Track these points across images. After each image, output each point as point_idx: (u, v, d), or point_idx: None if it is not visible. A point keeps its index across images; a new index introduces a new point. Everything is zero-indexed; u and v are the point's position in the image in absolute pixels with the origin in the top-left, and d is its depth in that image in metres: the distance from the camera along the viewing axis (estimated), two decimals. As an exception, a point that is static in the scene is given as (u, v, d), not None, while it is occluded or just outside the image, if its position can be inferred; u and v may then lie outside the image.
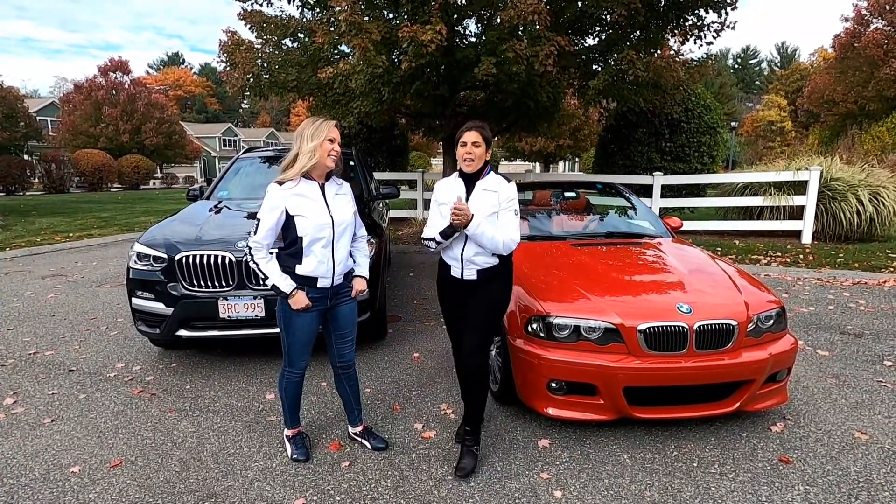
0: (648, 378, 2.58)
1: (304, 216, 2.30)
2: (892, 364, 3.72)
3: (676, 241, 3.90)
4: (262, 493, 2.35)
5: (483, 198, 2.44)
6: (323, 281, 2.38)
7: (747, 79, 62.82)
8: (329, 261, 2.37)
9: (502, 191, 2.44)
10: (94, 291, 5.94)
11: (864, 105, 22.79)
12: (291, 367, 2.50)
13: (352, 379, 2.66)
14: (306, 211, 2.30)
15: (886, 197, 8.09)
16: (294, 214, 2.30)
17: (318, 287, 2.38)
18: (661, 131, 10.10)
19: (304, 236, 2.31)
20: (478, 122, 2.45)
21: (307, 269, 2.34)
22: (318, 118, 2.34)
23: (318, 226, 2.31)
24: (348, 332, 2.56)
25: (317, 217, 2.32)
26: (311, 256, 2.33)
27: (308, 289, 2.36)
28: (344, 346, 2.57)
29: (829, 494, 2.31)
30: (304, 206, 2.31)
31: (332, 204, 2.39)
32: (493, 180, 2.47)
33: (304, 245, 2.32)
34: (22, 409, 3.16)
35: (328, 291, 2.42)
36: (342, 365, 2.61)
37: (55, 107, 34.87)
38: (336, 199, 2.42)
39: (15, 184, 22.05)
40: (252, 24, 7.62)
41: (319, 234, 2.32)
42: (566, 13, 6.87)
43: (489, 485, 2.40)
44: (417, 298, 5.55)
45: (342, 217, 2.40)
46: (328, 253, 2.36)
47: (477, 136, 2.40)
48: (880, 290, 5.79)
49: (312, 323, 2.43)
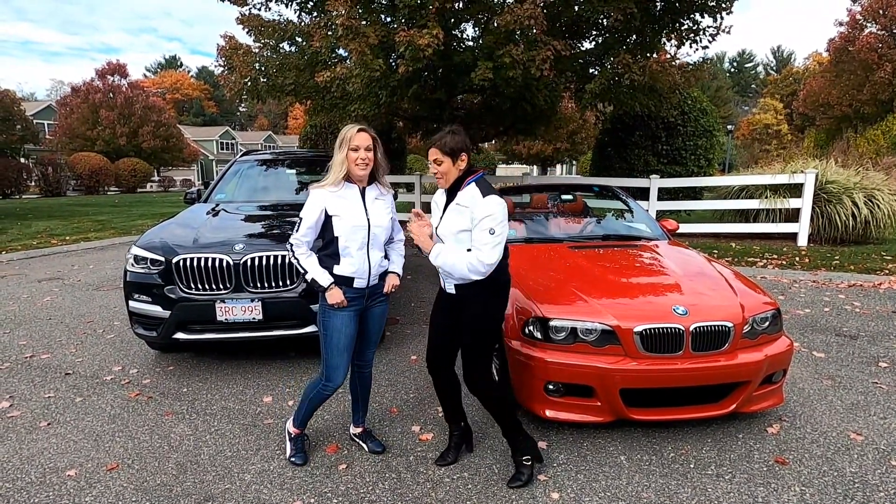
0: (645, 380, 2.59)
1: (341, 216, 2.37)
2: (887, 366, 3.75)
3: (673, 244, 3.92)
4: (260, 496, 2.34)
5: (453, 216, 2.29)
6: (359, 281, 2.44)
7: (743, 82, 63.22)
8: (365, 262, 2.44)
9: (475, 207, 2.22)
10: (91, 295, 5.92)
11: (858, 108, 22.95)
12: (329, 381, 2.49)
13: (366, 379, 2.71)
14: (343, 212, 2.38)
15: (881, 199, 8.14)
16: (332, 214, 2.38)
17: (355, 287, 2.44)
18: (657, 134, 10.16)
19: (339, 236, 2.38)
20: (438, 136, 2.27)
21: (344, 269, 2.41)
22: (352, 126, 2.40)
23: (354, 227, 2.38)
24: (375, 333, 2.63)
25: (353, 219, 2.39)
26: (347, 257, 2.40)
27: (345, 288, 2.41)
28: (368, 346, 2.64)
29: (824, 495, 2.32)
30: (343, 207, 2.39)
31: (371, 207, 2.45)
32: (467, 195, 2.26)
33: (341, 245, 2.39)
34: (18, 412, 3.15)
35: (364, 291, 2.48)
36: (360, 363, 2.66)
37: (52, 110, 34.80)
38: (375, 202, 2.48)
39: (11, 187, 22.00)
40: (250, 29, 7.64)
41: (355, 234, 2.39)
42: (563, 17, 6.91)
43: (486, 486, 2.40)
44: (415, 301, 5.55)
45: (378, 221, 2.47)
46: (364, 254, 2.43)
47: (436, 153, 2.26)
48: (875, 292, 5.82)
49: (350, 325, 2.45)
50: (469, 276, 2.21)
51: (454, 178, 2.30)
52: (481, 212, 2.20)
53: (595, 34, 7.79)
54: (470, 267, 2.19)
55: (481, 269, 2.20)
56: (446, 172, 2.28)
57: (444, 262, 2.25)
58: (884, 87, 21.37)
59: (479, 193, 2.24)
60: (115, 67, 33.21)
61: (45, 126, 33.97)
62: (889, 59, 21.05)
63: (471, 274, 2.21)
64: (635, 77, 6.79)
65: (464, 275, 2.22)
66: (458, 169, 2.29)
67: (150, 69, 74.26)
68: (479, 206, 2.22)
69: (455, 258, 2.23)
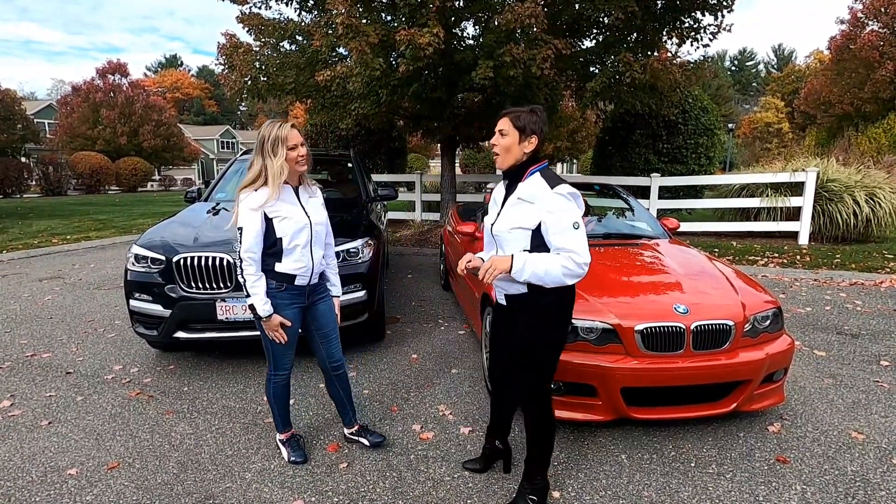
0: (646, 378, 2.58)
1: (283, 217, 2.33)
2: (888, 364, 3.74)
3: (674, 243, 3.92)
4: (261, 495, 2.34)
5: (513, 211, 2.00)
6: (301, 279, 2.42)
7: (744, 81, 63.08)
8: (309, 261, 2.42)
9: (545, 201, 1.91)
10: (92, 294, 5.92)
11: (859, 107, 22.89)
12: (277, 370, 2.52)
13: (343, 379, 2.67)
14: (284, 213, 2.34)
15: (882, 198, 8.12)
16: (273, 217, 2.32)
17: (296, 285, 2.42)
18: (658, 133, 10.15)
19: (283, 237, 2.34)
20: (515, 108, 2.03)
21: (286, 267, 2.38)
22: (275, 123, 2.29)
23: (297, 226, 2.36)
24: (331, 330, 2.58)
25: (295, 218, 2.36)
26: (290, 256, 2.37)
27: (286, 286, 2.40)
28: (330, 345, 2.59)
29: (825, 494, 2.32)
30: (282, 208, 2.34)
31: (308, 206, 2.44)
32: (531, 187, 1.96)
33: (285, 245, 2.35)
34: (19, 411, 3.15)
35: (305, 289, 2.46)
36: (333, 366, 2.62)
37: (53, 109, 34.82)
38: (310, 201, 2.47)
39: (12, 186, 21.99)
40: (250, 27, 7.63)
41: (299, 234, 2.36)
42: (563, 16, 6.90)
43: (487, 485, 2.40)
44: (416, 300, 5.55)
45: (318, 218, 2.46)
46: (307, 252, 2.42)
47: (506, 122, 2.00)
48: (877, 290, 5.81)
49: (294, 321, 2.44)
50: (565, 281, 1.91)
51: (514, 159, 2.01)
52: (556, 206, 1.90)
53: (596, 32, 7.78)
54: (566, 271, 1.88)
55: (580, 272, 1.89)
56: (508, 148, 1.99)
57: (534, 274, 1.89)
58: (885, 85, 21.31)
59: (545, 185, 1.94)
60: (116, 66, 33.18)
61: (45, 125, 33.99)
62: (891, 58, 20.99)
63: (567, 279, 1.90)
64: (636, 75, 6.78)
65: (559, 281, 1.91)
66: (523, 151, 1.99)
67: (150, 68, 74.33)
68: (549, 200, 1.91)
69: (547, 265, 1.89)
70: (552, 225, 1.91)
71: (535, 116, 1.99)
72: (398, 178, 11.66)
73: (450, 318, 4.92)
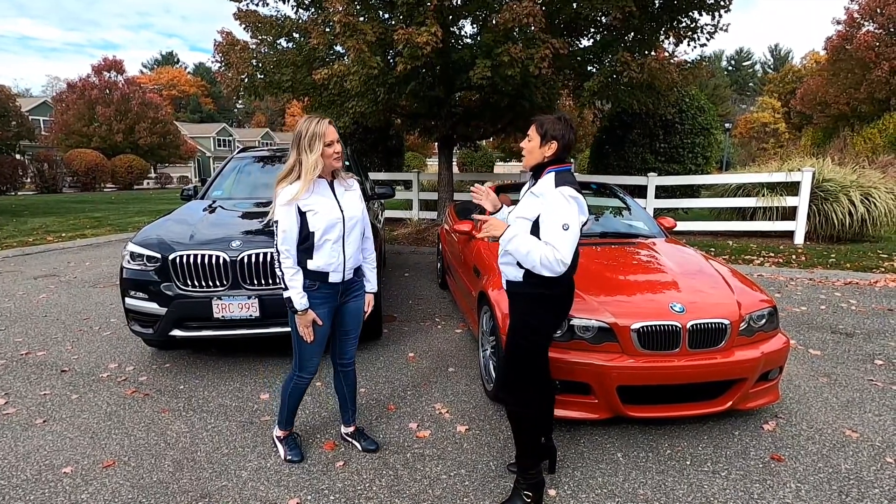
0: (642, 377, 2.59)
1: (316, 212, 2.31)
2: (882, 363, 3.76)
3: (670, 242, 3.93)
4: (257, 493, 2.34)
5: (525, 201, 2.19)
6: (334, 276, 2.39)
7: (741, 80, 63.24)
8: (340, 255, 2.39)
9: (546, 196, 2.07)
10: (87, 292, 5.90)
11: (855, 107, 22.97)
12: (301, 371, 2.50)
13: (350, 377, 2.68)
14: (317, 207, 2.32)
15: (878, 198, 8.17)
16: (306, 210, 2.31)
17: (330, 282, 2.39)
18: (655, 132, 10.16)
19: (315, 231, 2.32)
20: (544, 115, 2.19)
21: (318, 263, 2.35)
22: (313, 119, 2.30)
23: (330, 221, 2.33)
24: (353, 330, 2.59)
25: (328, 212, 2.33)
26: (322, 251, 2.35)
27: (319, 284, 2.37)
28: (347, 343, 2.60)
29: (819, 492, 2.33)
30: (315, 202, 2.32)
31: (342, 200, 2.41)
32: (542, 184, 2.12)
33: (317, 240, 2.33)
34: (13, 409, 3.14)
35: (339, 287, 2.44)
36: (343, 363, 2.63)
37: (48, 106, 34.58)
38: (346, 195, 2.44)
39: (7, 183, 21.88)
40: (247, 25, 7.60)
41: (331, 228, 2.34)
42: (561, 15, 6.90)
43: (483, 483, 2.41)
44: (413, 298, 5.55)
45: (352, 213, 2.42)
46: (339, 248, 2.38)
47: (532, 128, 2.17)
48: (871, 290, 5.84)
49: (325, 322, 2.43)
50: (540, 269, 2.00)
51: (535, 161, 2.17)
52: (553, 202, 2.03)
53: (593, 32, 7.79)
54: (543, 259, 1.98)
55: (556, 268, 1.98)
56: (531, 150, 2.17)
57: (517, 247, 2.04)
58: (881, 85, 21.38)
59: (552, 184, 2.07)
60: (112, 63, 32.96)
61: (41, 122, 33.71)
62: (886, 58, 21.07)
63: (542, 268, 2.00)
64: (633, 75, 6.79)
65: (534, 265, 2.01)
66: (543, 154, 2.14)
67: (146, 65, 73.92)
68: (550, 196, 2.05)
69: (530, 246, 2.01)
70: (545, 218, 2.05)
71: (560, 124, 2.13)
72: (395, 176, 11.64)
73: (447, 316, 4.93)
